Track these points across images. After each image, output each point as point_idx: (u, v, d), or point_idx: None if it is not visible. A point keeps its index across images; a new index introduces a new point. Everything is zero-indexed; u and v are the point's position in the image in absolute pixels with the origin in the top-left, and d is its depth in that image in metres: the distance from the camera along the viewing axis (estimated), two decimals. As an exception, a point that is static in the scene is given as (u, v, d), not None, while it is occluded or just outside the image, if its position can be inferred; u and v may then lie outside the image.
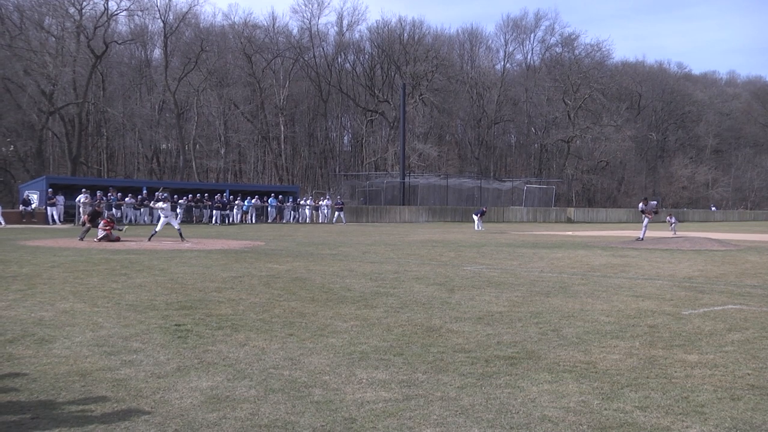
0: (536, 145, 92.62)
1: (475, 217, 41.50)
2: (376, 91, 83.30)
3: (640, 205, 29.12)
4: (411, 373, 6.16)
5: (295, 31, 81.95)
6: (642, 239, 27.26)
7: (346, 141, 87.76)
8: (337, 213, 49.38)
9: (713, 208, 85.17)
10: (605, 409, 5.18)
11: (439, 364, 6.54)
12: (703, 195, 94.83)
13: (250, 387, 5.70)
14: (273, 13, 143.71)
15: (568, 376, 6.10)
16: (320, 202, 51.22)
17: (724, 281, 14.24)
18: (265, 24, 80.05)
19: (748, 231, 44.88)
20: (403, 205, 58.11)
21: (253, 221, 45.97)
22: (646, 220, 28.73)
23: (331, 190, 65.86)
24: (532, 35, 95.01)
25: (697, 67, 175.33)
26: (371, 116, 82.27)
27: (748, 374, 6.25)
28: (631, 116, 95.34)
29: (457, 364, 6.52)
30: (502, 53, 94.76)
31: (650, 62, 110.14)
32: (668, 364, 6.59)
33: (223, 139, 71.92)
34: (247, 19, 79.62)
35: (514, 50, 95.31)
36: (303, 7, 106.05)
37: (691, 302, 10.89)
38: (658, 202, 28.22)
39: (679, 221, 55.98)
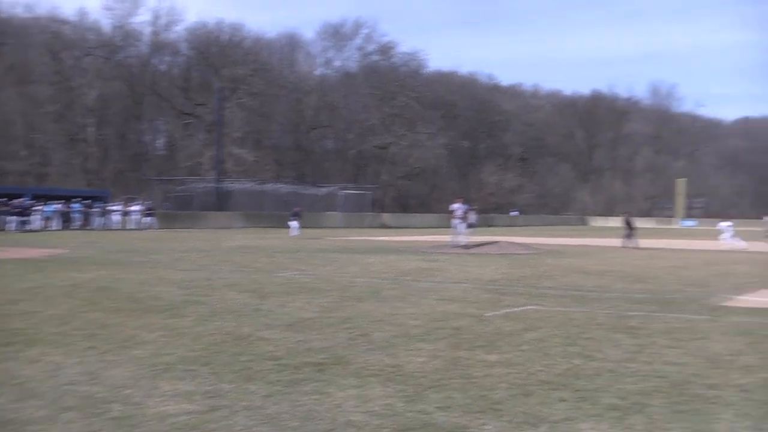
0: (353, 151, 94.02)
1: (292, 223, 41.33)
2: (192, 94, 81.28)
3: (456, 205, 28.34)
4: (217, 383, 6.05)
5: (107, 28, 78.33)
6: (461, 244, 26.68)
7: (160, 145, 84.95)
8: (147, 219, 47.68)
9: (513, 213, 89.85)
10: (408, 411, 5.32)
11: (246, 372, 6.46)
12: (509, 201, 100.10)
13: (39, 407, 5.35)
14: (82, 8, 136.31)
15: (375, 380, 6.22)
16: (130, 208, 49.20)
17: (524, 283, 15.12)
18: (74, 20, 75.93)
19: (549, 235, 47.96)
20: (219, 210, 57.05)
21: (58, 228, 43.37)
22: (460, 223, 27.89)
23: (144, 195, 63.45)
24: (351, 42, 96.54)
25: (505, 79, 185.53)
26: (187, 119, 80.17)
27: (540, 370, 6.67)
28: (444, 124, 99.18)
29: (265, 372, 6.47)
30: (321, 59, 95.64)
31: (463, 73, 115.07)
32: (470, 365, 6.89)
33: (24, 140, 67.37)
34: (53, 13, 75.15)
35: (333, 57, 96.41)
36: (116, 4, 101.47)
37: (494, 304, 11.46)
38: (470, 208, 28.68)
39: (488, 225, 58.71)
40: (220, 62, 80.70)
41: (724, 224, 35.53)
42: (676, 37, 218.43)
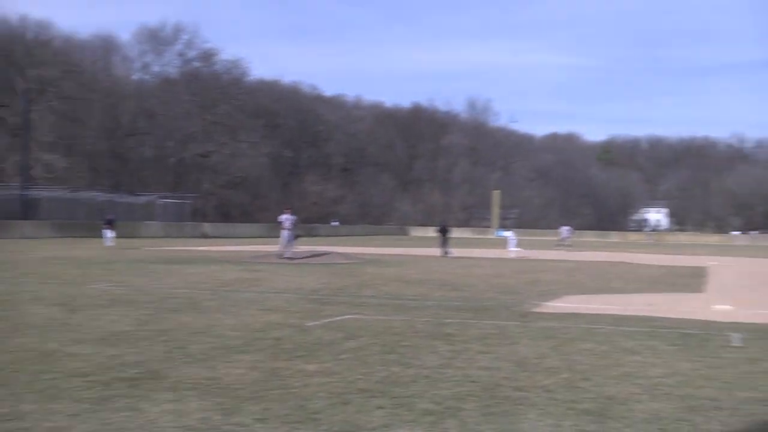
0: (173, 159, 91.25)
1: (105, 232, 39.39)
2: (-7, 94, 75.69)
3: (285, 216, 27.19)
4: (16, 405, 5.65)
5: None
6: (289, 255, 26.03)
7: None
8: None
9: (334, 223, 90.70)
10: (226, 424, 5.23)
11: (51, 391, 6.09)
12: (331, 210, 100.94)
13: None
14: None
15: (192, 394, 6.06)
16: None
17: (345, 292, 15.29)
18: None
19: (371, 244, 48.82)
20: (25, 219, 53.45)
21: None
22: (289, 233, 26.79)
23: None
24: (171, 48, 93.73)
25: (328, 90, 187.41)
26: (-13, 121, 74.56)
27: (359, 379, 6.77)
28: (267, 133, 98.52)
29: (72, 390, 6.13)
30: (138, 63, 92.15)
31: (286, 82, 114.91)
32: (289, 375, 6.87)
33: None
34: None
35: (151, 61, 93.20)
36: None
37: (315, 314, 11.51)
38: (297, 219, 28.12)
39: (310, 236, 58.88)
40: (25, 62, 75.76)
41: (508, 233, 37.59)
42: (493, 56, 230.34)
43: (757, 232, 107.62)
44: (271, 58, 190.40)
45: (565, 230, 47.68)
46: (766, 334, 10.20)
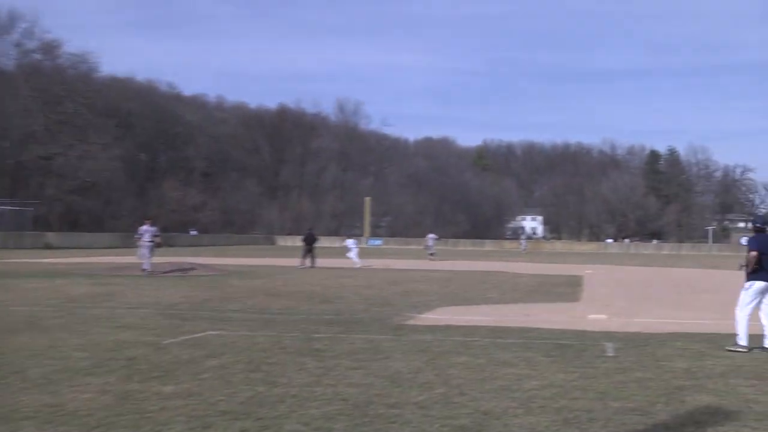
0: (11, 161, 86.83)
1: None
2: None
3: (144, 227, 26.01)
4: None
5: None
6: (147, 269, 25.15)
7: None
8: None
9: (193, 232, 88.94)
10: (70, 456, 4.99)
11: None
12: (192, 218, 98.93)
13: None
14: None
15: (29, 424, 5.75)
16: None
17: (207, 307, 15.00)
18: None
19: (234, 255, 48.18)
20: None
21: None
22: (149, 245, 25.58)
23: None
24: (6, 37, 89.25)
25: (187, 89, 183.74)
26: None
27: (221, 400, 6.63)
28: (120, 134, 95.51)
29: None
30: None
31: (140, 79, 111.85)
32: (143, 399, 6.65)
33: None
34: None
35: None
36: None
37: (173, 330, 11.21)
38: (158, 229, 27.04)
39: (169, 245, 57.49)
40: None
41: (350, 241, 38.16)
42: (363, 55, 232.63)
43: (628, 240, 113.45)
44: (124, 52, 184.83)
45: (430, 238, 48.46)
46: (637, 342, 10.73)
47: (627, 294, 21.28)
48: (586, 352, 9.75)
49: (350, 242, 37.59)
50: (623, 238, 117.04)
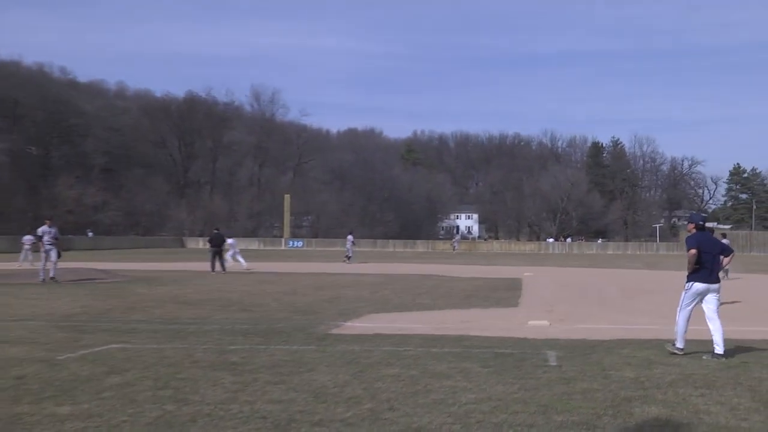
0: None
1: None
2: None
3: (44, 228, 25.41)
4: None
5: None
6: (51, 276, 24.60)
7: None
8: None
9: (90, 234, 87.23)
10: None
11: None
12: (91, 219, 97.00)
13: None
14: None
15: None
16: None
17: (108, 318, 14.72)
18: None
19: (139, 259, 47.42)
20: None
21: None
22: (50, 249, 25.02)
23: None
24: None
25: (83, 74, 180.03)
26: None
27: (124, 421, 6.51)
28: (6, 126, 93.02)
29: None
30: None
31: (29, 63, 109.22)
32: (35, 422, 6.49)
33: None
34: None
35: None
36: None
37: (70, 344, 10.97)
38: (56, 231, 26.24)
39: (65, 249, 56.22)
40: None
41: (230, 241, 38.11)
42: (280, 38, 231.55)
43: (571, 239, 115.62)
44: (9, 32, 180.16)
45: (348, 240, 48.54)
46: (580, 350, 10.92)
47: (570, 298, 21.66)
48: (526, 361, 9.87)
49: (230, 242, 37.47)
50: (565, 238, 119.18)
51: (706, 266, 10.67)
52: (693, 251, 10.59)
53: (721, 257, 10.95)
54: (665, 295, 22.13)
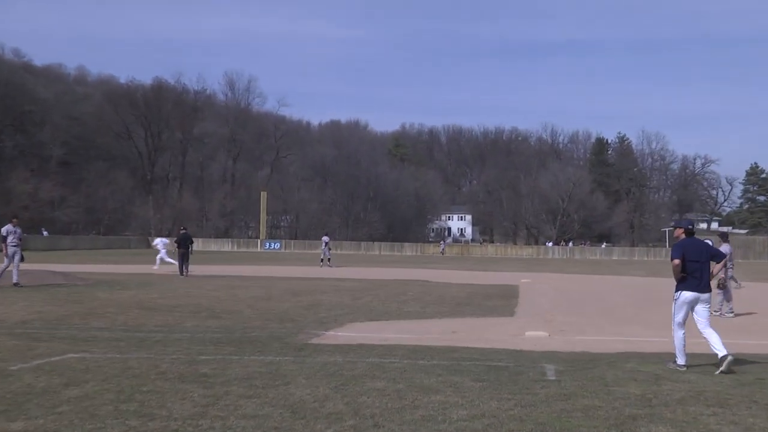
0: None
1: None
2: None
3: (7, 227, 25.02)
4: None
5: None
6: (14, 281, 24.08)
7: None
8: None
9: (45, 233, 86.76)
10: None
11: None
12: (48, 216, 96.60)
13: None
14: None
15: None
16: None
17: (66, 324, 14.69)
18: None
19: (101, 261, 47.24)
20: None
21: None
22: (15, 250, 24.63)
23: None
24: None
25: (39, 57, 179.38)
26: None
27: (84, 438, 6.50)
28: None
29: None
30: None
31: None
32: (-14, 438, 6.47)
33: None
34: None
35: None
36: None
37: (24, 354, 10.94)
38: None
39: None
40: None
41: (159, 240, 38.02)
42: (256, 23, 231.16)
43: (572, 243, 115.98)
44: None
45: (324, 242, 48.57)
46: (582, 364, 10.97)
47: (571, 307, 21.73)
48: (523, 375, 9.90)
49: (159, 241, 37.44)
50: (566, 242, 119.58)
51: (694, 275, 10.91)
52: (677, 261, 10.83)
53: (713, 264, 11.13)
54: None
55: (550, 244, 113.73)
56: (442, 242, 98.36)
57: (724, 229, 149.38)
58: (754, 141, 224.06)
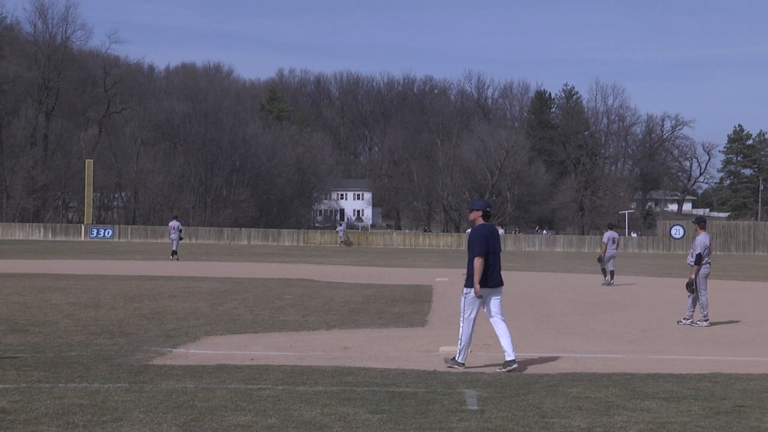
0: None
1: None
2: None
3: None
4: None
5: None
6: None
7: None
8: None
9: None
10: None
11: None
12: None
13: None
14: None
15: None
16: None
17: None
18: None
19: None
20: None
21: None
22: None
23: None
24: None
25: None
26: None
27: None
28: None
29: None
30: None
31: None
32: None
33: None
34: None
35: None
36: None
37: None
38: None
39: None
40: None
41: None
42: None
43: (503, 229, 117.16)
44: None
45: (173, 229, 48.30)
46: (512, 389, 11.12)
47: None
48: (435, 404, 10.01)
49: None
50: (497, 227, 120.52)
51: (493, 267, 12.55)
52: (480, 259, 12.48)
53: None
54: (635, 311, 22.73)
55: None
56: (339, 227, 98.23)
57: (701, 212, 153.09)
58: (738, 97, 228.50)
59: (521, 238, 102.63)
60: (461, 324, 12.94)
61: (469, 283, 12.67)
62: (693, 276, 19.42)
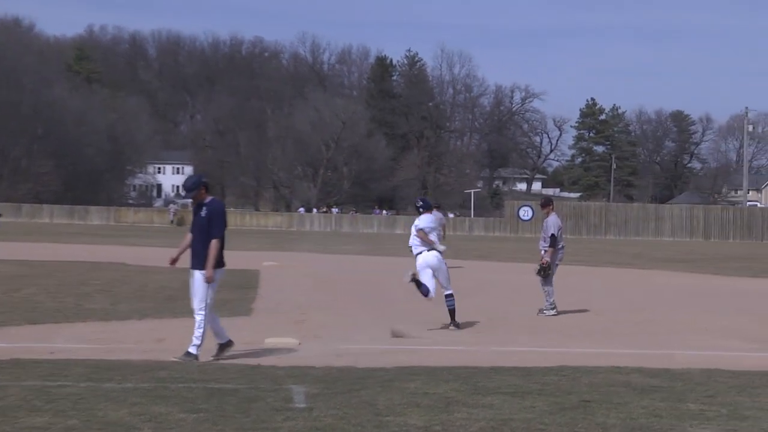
0: None
1: None
2: None
3: None
4: None
5: None
6: None
7: None
8: None
9: None
10: None
11: None
12: None
13: None
14: None
15: None
16: None
17: None
18: None
19: None
20: None
21: None
22: None
23: None
24: None
25: None
26: None
27: None
28: None
29: None
30: None
31: None
32: None
33: None
34: None
35: None
36: None
37: None
38: None
39: None
40: None
41: None
42: None
43: (337, 209, 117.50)
44: None
45: None
46: (345, 384, 11.13)
47: (333, 302, 22.12)
48: (259, 402, 9.98)
49: None
50: (330, 207, 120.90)
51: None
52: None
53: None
54: (484, 298, 23.04)
55: (310, 211, 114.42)
56: (171, 205, 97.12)
57: (551, 192, 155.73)
58: (591, 69, 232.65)
59: (359, 218, 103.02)
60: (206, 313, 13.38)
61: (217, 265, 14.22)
62: (548, 259, 19.72)
